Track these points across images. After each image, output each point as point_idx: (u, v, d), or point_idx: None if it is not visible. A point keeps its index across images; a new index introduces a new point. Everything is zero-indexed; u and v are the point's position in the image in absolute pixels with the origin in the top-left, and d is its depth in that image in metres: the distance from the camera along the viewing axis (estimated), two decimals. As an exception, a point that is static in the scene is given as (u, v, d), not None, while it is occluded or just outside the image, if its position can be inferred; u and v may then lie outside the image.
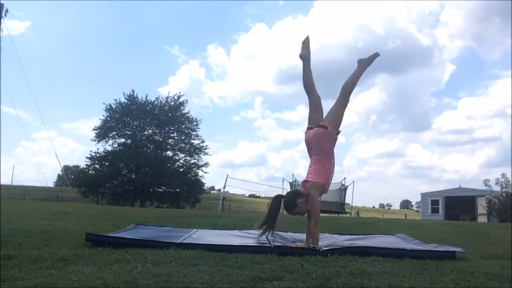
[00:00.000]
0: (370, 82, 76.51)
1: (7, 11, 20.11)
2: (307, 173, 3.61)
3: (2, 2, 19.80)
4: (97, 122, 34.46)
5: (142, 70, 69.21)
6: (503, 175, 22.61)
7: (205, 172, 34.25)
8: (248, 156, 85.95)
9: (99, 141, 32.19)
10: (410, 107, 75.20)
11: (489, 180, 23.12)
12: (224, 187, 24.25)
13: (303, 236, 3.89)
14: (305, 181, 3.57)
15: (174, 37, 77.91)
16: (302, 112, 77.81)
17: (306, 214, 3.70)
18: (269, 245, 3.35)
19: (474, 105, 76.91)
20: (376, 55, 3.88)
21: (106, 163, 31.83)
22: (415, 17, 68.89)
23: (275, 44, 72.58)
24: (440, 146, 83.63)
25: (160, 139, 33.55)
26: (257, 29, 79.59)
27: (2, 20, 19.65)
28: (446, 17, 74.40)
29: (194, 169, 33.74)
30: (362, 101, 75.13)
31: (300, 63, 3.87)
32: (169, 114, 32.95)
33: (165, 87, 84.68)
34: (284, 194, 3.71)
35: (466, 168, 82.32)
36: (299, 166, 78.86)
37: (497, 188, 22.60)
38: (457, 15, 73.77)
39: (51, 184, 45.40)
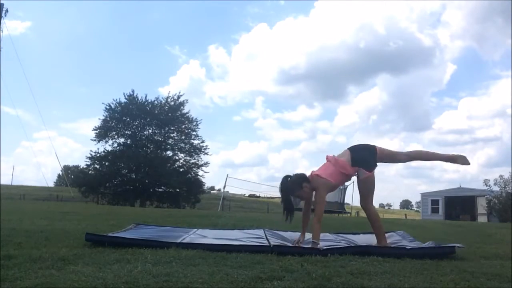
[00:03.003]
0: (371, 82, 76.69)
1: (7, 11, 20.09)
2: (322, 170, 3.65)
3: (2, 2, 19.80)
4: (97, 122, 34.31)
5: (142, 70, 69.42)
6: (501, 176, 22.72)
7: (205, 172, 34.26)
8: (249, 156, 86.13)
9: (99, 141, 32.15)
10: (410, 107, 75.45)
11: (489, 180, 23.20)
12: (224, 187, 24.27)
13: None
14: (317, 175, 3.60)
15: (175, 37, 78.14)
16: (303, 112, 78.00)
17: (303, 209, 3.76)
18: (268, 244, 3.36)
19: (474, 105, 77.25)
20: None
21: (106, 163, 31.78)
22: (417, 17, 69.15)
23: (276, 44, 72.79)
24: (440, 146, 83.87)
25: (160, 139, 33.50)
26: (258, 29, 79.98)
27: (2, 20, 19.65)
28: (448, 18, 74.66)
29: (194, 169, 33.73)
30: (362, 101, 75.40)
31: (300, 63, 3.88)
32: (169, 114, 32.89)
33: (166, 87, 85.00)
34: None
35: (466, 168, 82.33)
36: (300, 166, 79.17)
37: (497, 188, 22.66)
38: (458, 16, 74.11)
39: (51, 184, 45.35)
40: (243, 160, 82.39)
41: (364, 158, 3.63)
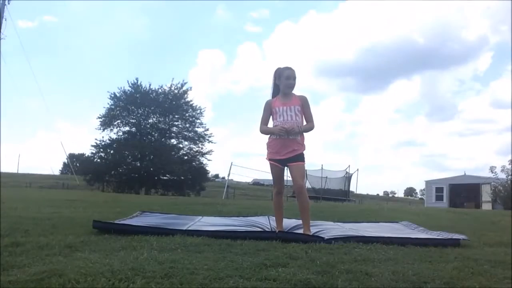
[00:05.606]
0: (413, 77, 77.71)
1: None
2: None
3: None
4: (102, 110, 34.26)
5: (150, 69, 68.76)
6: (511, 161, 22.54)
7: (209, 160, 34.33)
8: (256, 144, 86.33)
9: (104, 129, 32.25)
10: (433, 97, 77.08)
11: (495, 167, 23.05)
12: (229, 174, 24.35)
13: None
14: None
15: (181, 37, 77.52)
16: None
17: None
18: (273, 231, 3.38)
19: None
20: None
21: (111, 151, 31.89)
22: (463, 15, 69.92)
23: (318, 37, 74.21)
24: (461, 136, 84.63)
25: (165, 127, 33.54)
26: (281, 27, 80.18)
27: (6, 8, 19.54)
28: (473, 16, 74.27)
29: (199, 157, 33.81)
30: (398, 94, 77.29)
31: (346, 57, 3.82)
32: (173, 102, 32.89)
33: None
34: None
35: (480, 156, 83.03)
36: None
37: (503, 175, 22.53)
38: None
39: (57, 172, 45.73)
40: (249, 148, 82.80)
41: None
